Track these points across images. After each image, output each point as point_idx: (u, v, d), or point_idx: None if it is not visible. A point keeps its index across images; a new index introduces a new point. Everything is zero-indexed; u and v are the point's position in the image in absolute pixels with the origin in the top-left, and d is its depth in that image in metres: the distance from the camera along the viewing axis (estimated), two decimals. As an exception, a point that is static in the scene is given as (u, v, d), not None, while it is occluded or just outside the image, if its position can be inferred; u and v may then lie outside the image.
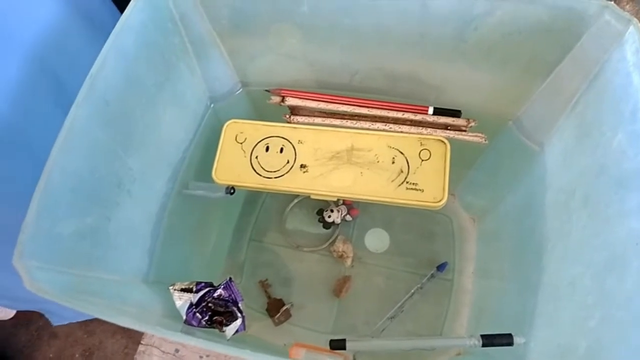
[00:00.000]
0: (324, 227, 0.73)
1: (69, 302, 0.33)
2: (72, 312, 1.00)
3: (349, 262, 0.70)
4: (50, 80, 0.57)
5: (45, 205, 0.36)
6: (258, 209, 0.77)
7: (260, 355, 0.30)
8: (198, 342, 0.32)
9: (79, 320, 1.07)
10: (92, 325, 1.37)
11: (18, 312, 1.16)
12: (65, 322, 1.05)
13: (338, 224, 0.73)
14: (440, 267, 0.69)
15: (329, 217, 0.72)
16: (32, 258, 0.35)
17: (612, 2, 0.40)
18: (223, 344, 0.32)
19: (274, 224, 0.76)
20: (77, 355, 1.34)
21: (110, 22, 0.63)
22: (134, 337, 1.28)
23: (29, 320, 1.36)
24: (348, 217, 0.73)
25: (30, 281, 0.33)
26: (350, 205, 0.74)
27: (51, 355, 1.34)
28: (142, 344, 0.78)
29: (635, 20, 0.39)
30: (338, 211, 0.72)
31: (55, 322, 1.03)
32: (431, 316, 0.68)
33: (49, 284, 0.35)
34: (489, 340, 0.47)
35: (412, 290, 0.68)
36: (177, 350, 0.75)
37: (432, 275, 0.69)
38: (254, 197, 0.77)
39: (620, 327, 0.34)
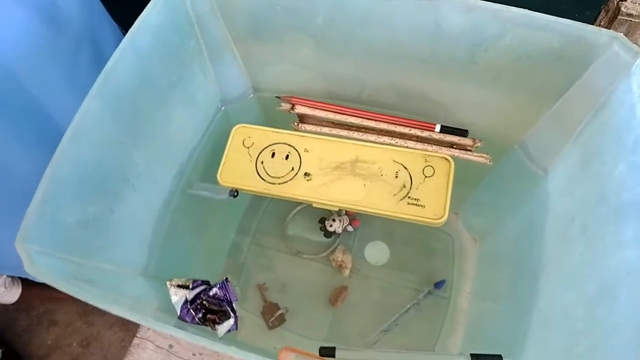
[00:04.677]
0: (325, 235, 0.74)
1: (66, 288, 0.34)
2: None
3: (347, 272, 0.71)
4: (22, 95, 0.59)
5: (51, 192, 0.37)
6: (261, 213, 0.78)
7: (246, 352, 0.30)
8: (186, 336, 0.33)
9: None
10: (92, 316, 1.38)
11: (21, 296, 1.18)
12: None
13: (339, 234, 0.74)
14: (438, 285, 0.69)
15: (331, 226, 0.72)
16: (34, 242, 0.36)
17: (622, 34, 0.41)
18: (210, 340, 0.32)
19: (276, 229, 0.76)
20: (74, 344, 1.35)
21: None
22: (131, 331, 1.29)
23: (30, 306, 1.38)
24: (349, 228, 0.74)
25: (30, 265, 0.34)
26: (352, 216, 0.75)
27: (49, 342, 1.35)
28: (137, 337, 0.79)
29: (644, 52, 0.39)
30: (340, 221, 0.73)
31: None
32: (425, 333, 0.68)
33: (48, 269, 0.36)
34: (478, 361, 0.47)
35: (408, 306, 0.68)
36: (170, 346, 0.75)
37: (429, 292, 0.69)
38: (257, 201, 0.78)
39: (607, 354, 0.34)
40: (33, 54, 0.59)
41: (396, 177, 0.55)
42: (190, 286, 0.51)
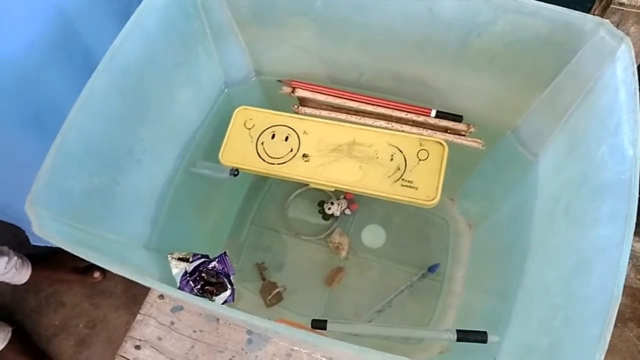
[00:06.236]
0: (324, 218, 0.76)
1: (74, 249, 0.36)
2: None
3: (343, 254, 0.73)
4: (72, 43, 0.64)
5: (59, 161, 0.40)
6: (262, 195, 0.80)
7: (239, 311, 0.32)
8: (186, 296, 0.35)
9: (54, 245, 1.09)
10: (99, 298, 1.41)
11: (31, 278, 1.20)
12: (42, 244, 1.07)
13: (337, 217, 0.76)
14: (432, 268, 0.71)
15: (329, 209, 0.75)
16: (43, 207, 0.38)
17: (607, 20, 0.42)
18: (207, 302, 0.34)
19: (276, 211, 0.78)
20: (81, 326, 1.38)
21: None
22: (136, 314, 1.31)
23: (39, 287, 1.41)
24: (347, 211, 0.76)
25: (39, 227, 0.36)
26: (350, 199, 0.76)
27: (57, 322, 1.38)
28: (140, 313, 0.81)
29: (627, 38, 0.41)
30: (338, 204, 0.75)
31: (34, 241, 1.06)
32: (418, 314, 0.69)
33: (56, 232, 0.38)
34: (464, 336, 0.49)
35: (402, 287, 0.70)
36: (172, 323, 0.78)
37: (423, 275, 0.71)
38: (259, 183, 0.80)
39: (580, 323, 0.35)
40: (90, 7, 0.65)
41: (391, 159, 0.57)
42: (191, 259, 0.53)
